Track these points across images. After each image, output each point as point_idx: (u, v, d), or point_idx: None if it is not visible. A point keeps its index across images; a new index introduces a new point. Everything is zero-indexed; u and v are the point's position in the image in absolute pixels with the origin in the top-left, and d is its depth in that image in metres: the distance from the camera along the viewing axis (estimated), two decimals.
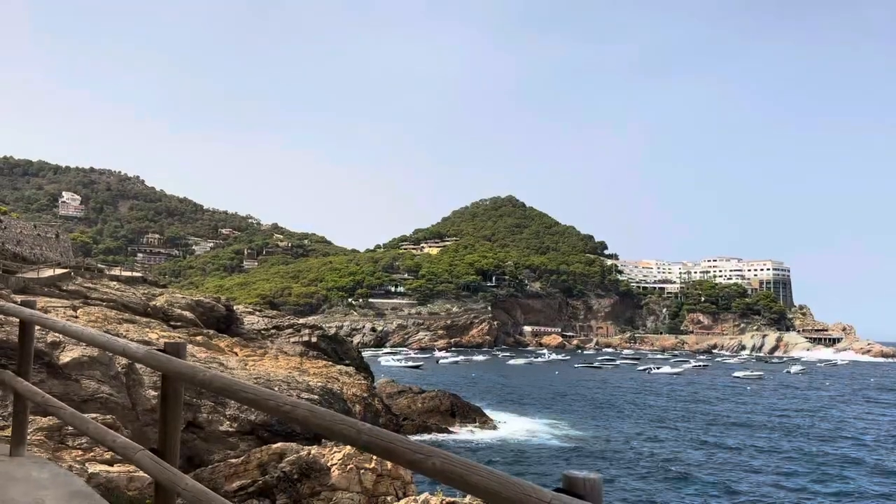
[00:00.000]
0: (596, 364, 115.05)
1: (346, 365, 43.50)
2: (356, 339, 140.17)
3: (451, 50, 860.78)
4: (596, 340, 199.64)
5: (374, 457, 12.76)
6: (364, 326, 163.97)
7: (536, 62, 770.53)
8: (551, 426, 42.59)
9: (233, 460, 8.99)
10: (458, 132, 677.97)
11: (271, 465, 8.75)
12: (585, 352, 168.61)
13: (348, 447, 13.21)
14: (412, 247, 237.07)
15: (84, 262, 62.23)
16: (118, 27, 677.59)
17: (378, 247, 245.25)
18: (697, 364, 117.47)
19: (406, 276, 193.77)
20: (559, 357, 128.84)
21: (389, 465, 11.27)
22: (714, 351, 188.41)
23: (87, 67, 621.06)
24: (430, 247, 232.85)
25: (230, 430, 27.39)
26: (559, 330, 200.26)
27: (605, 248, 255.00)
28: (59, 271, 43.85)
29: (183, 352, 3.01)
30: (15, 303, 28.63)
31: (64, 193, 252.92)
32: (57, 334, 26.34)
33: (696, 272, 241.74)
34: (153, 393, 25.63)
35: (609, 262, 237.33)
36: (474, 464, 1.84)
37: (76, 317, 34.33)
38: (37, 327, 5.18)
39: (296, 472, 8.63)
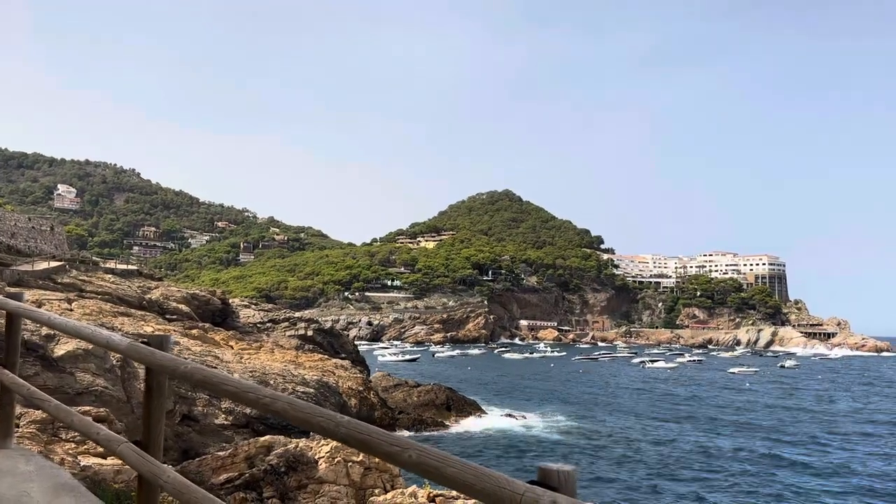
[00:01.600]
0: (592, 358, 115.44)
1: (342, 358, 43.52)
2: (352, 333, 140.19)
3: (450, 45, 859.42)
4: (592, 335, 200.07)
5: None
6: (360, 320, 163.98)
7: (534, 57, 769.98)
8: (546, 420, 42.72)
9: (220, 453, 8.97)
10: (456, 127, 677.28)
11: (259, 458, 8.73)
12: (581, 346, 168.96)
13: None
14: (409, 241, 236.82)
15: (79, 254, 62.06)
16: (120, 21, 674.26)
17: (374, 240, 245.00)
18: (692, 359, 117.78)
19: (402, 269, 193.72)
20: (555, 352, 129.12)
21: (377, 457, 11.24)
22: (709, 346, 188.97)
23: (86, 61, 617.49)
24: (426, 241, 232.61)
25: (225, 423, 27.41)
26: (555, 324, 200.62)
27: (602, 242, 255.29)
28: (53, 264, 43.67)
29: (167, 344, 3.00)
30: (4, 295, 28.50)
31: (59, 186, 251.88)
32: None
33: (691, 267, 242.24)
34: None
35: (605, 256, 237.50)
36: (450, 456, 1.84)
37: (71, 309, 34.24)
38: (26, 320, 5.16)
39: (283, 464, 8.61)
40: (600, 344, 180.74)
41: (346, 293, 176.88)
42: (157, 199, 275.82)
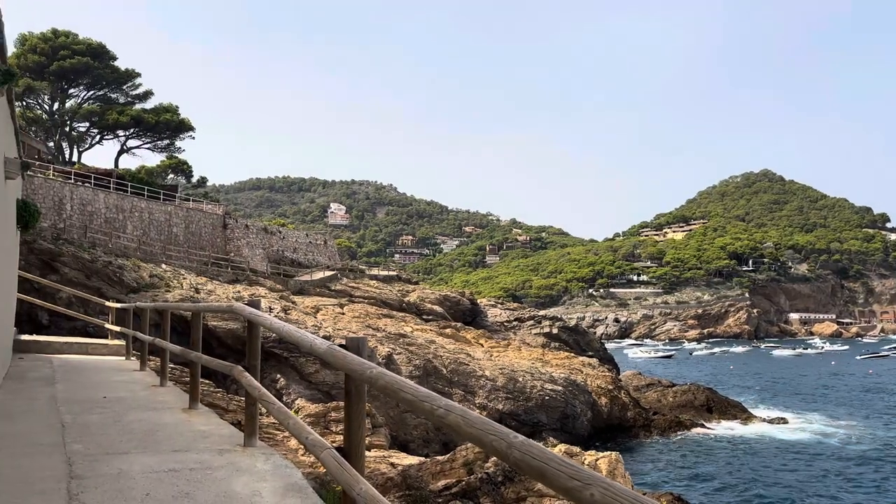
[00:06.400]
0: (881, 355, 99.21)
1: (589, 356, 42.81)
2: (599, 331, 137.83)
3: (686, 15, 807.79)
4: (881, 327, 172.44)
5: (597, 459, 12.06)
6: (607, 317, 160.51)
7: (783, 18, 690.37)
8: (830, 426, 37.43)
9: (440, 458, 9.01)
10: (699, 106, 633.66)
11: (477, 465, 8.58)
12: (867, 341, 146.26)
13: (562, 446, 12.70)
14: (654, 233, 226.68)
15: (348, 264, 69.50)
16: (360, 41, 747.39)
17: (616, 235, 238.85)
18: None
19: (649, 263, 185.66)
20: (835, 347, 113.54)
21: (618, 469, 10.48)
22: None
23: (355, 91, 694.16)
24: (673, 232, 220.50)
25: None
26: (833, 317, 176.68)
27: (888, 220, 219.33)
28: (327, 273, 49.50)
29: (363, 348, 2.92)
30: (290, 301, 32.53)
31: (332, 204, 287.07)
32: (325, 328, 29.52)
33: None
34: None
35: (894, 237, 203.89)
36: (648, 500, 1.37)
37: (343, 313, 38.33)
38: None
39: (500, 473, 8.34)
40: (892, 337, 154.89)
41: (590, 290, 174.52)
42: (413, 209, 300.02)
